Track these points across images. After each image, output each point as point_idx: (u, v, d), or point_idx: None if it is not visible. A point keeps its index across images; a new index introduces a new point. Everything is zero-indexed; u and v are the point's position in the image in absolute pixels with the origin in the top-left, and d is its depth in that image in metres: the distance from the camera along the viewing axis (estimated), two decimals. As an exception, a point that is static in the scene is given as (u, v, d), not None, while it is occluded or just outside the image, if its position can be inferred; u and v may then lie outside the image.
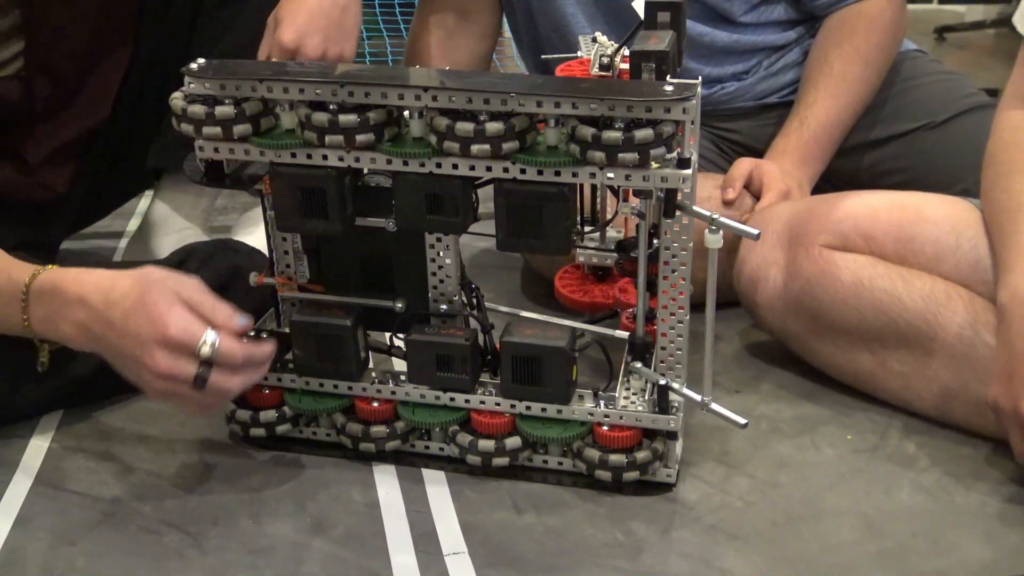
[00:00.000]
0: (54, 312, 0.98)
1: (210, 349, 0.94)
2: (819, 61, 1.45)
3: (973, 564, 0.93)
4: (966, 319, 1.07)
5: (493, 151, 0.91)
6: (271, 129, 0.98)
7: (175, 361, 0.94)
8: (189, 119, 0.96)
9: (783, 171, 1.36)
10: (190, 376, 0.94)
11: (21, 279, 0.99)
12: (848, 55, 1.43)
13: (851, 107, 1.44)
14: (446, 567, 0.93)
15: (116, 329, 0.95)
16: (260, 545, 0.96)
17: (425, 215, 0.97)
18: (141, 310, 0.94)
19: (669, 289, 0.98)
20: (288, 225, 1.01)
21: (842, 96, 1.43)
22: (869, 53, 1.43)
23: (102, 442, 1.11)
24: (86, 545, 0.96)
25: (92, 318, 0.96)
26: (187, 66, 0.96)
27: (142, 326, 0.94)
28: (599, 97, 0.89)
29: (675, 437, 1.01)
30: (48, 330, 1.00)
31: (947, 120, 1.47)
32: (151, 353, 0.93)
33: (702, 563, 0.94)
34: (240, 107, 0.95)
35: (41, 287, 0.99)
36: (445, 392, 1.03)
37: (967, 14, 3.63)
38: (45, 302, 0.99)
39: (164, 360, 0.94)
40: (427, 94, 0.91)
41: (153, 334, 0.93)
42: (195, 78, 0.96)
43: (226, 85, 0.95)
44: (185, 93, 0.97)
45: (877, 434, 1.12)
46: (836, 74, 1.42)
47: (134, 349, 0.94)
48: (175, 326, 0.93)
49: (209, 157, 0.99)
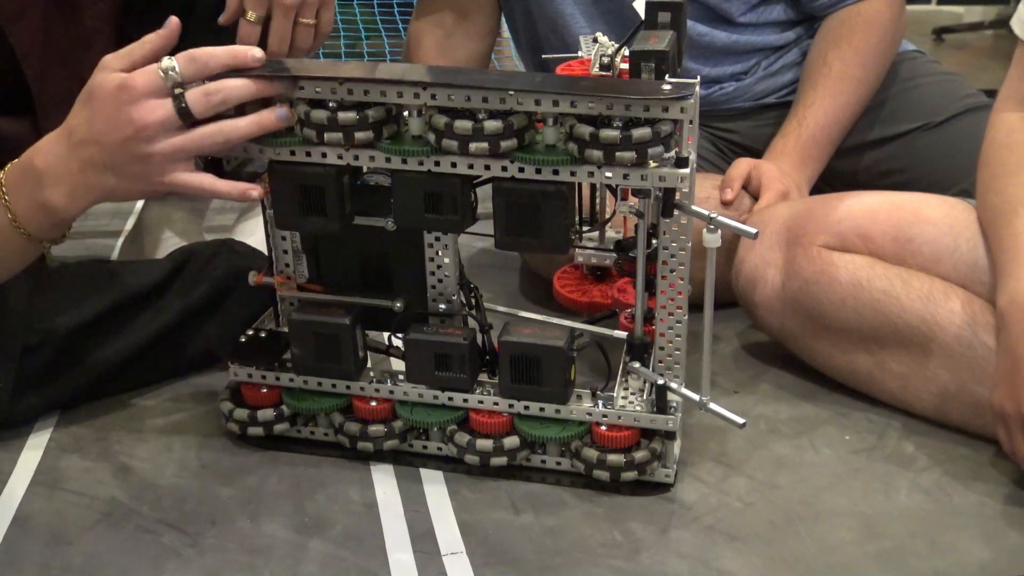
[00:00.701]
0: (32, 191, 0.97)
1: (172, 65, 0.92)
2: (818, 62, 1.45)
3: (971, 565, 0.93)
4: (964, 320, 1.07)
5: (491, 149, 0.91)
6: None
7: (149, 105, 0.92)
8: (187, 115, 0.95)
9: (781, 172, 1.36)
10: (171, 109, 0.92)
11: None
12: (847, 56, 1.43)
13: (849, 108, 1.44)
14: (444, 567, 0.93)
15: (91, 140, 0.94)
16: (258, 545, 0.96)
17: (423, 214, 0.96)
18: (99, 102, 0.93)
19: (668, 289, 0.98)
20: (286, 223, 1.01)
21: (840, 96, 1.43)
22: (868, 54, 1.43)
23: (100, 442, 1.11)
24: (83, 545, 0.96)
25: (68, 159, 0.95)
26: None
27: (108, 108, 0.92)
28: (597, 95, 0.89)
29: (673, 437, 1.01)
30: (41, 216, 0.98)
31: (945, 121, 1.47)
32: (128, 119, 0.92)
33: (700, 563, 0.94)
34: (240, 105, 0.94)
35: (12, 175, 0.98)
36: (443, 391, 1.03)
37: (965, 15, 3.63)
38: (20, 190, 0.97)
39: (145, 111, 0.91)
40: (426, 92, 0.91)
41: (119, 100, 0.92)
42: None
43: None
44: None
45: (875, 434, 1.12)
46: (835, 75, 1.42)
47: (117, 133, 0.92)
48: (132, 78, 0.92)
49: (208, 154, 0.98)
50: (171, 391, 1.18)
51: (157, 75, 0.92)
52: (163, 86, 0.92)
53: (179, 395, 1.18)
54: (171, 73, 0.92)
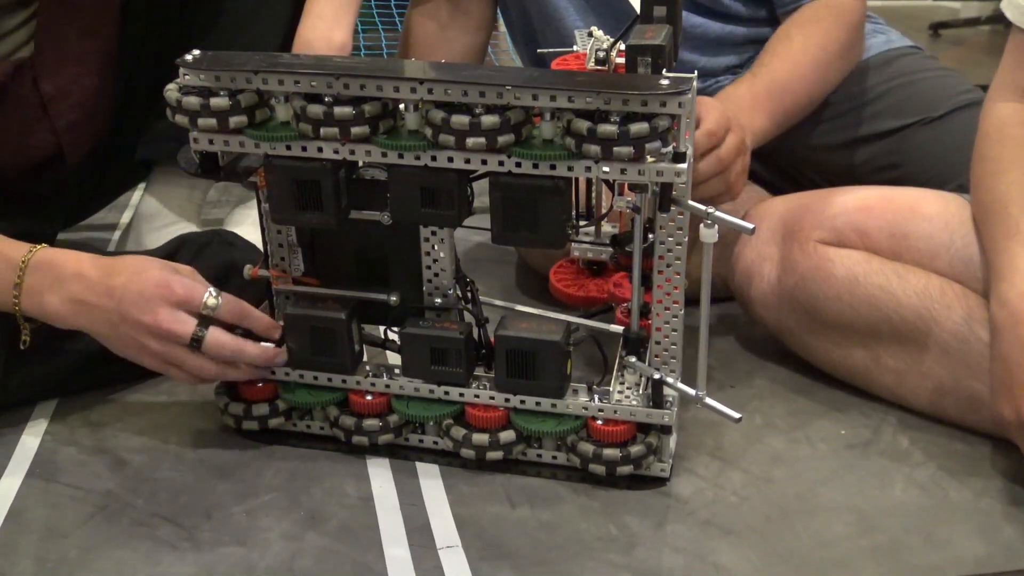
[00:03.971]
0: (45, 286, 1.01)
1: (215, 302, 0.99)
2: (780, 36, 1.41)
3: (967, 559, 0.94)
4: (960, 315, 1.08)
5: (488, 144, 0.91)
6: (266, 121, 0.97)
7: (176, 316, 0.99)
8: (184, 111, 0.95)
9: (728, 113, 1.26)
10: (188, 334, 0.99)
11: (17, 254, 1.02)
12: (810, 34, 1.39)
13: (806, 79, 1.38)
14: (440, 561, 0.93)
15: (116, 295, 0.99)
16: (254, 538, 0.96)
17: (420, 208, 0.96)
18: (144, 276, 0.99)
19: (664, 284, 0.98)
20: (282, 218, 1.01)
21: (799, 67, 1.37)
22: (829, 43, 1.39)
23: (95, 435, 1.11)
24: (79, 538, 0.96)
25: (89, 288, 1.00)
26: (182, 58, 0.95)
27: (147, 288, 0.99)
28: (594, 90, 0.89)
29: (669, 431, 1.01)
30: (34, 305, 1.02)
31: (942, 116, 1.46)
32: (154, 311, 0.98)
33: (696, 557, 0.94)
34: (235, 99, 0.94)
35: (38, 262, 1.02)
36: (440, 386, 1.03)
37: (962, 10, 3.63)
38: (38, 276, 1.01)
39: (167, 316, 0.98)
40: (423, 86, 0.91)
41: (157, 293, 0.98)
42: (190, 69, 0.95)
43: (221, 77, 0.94)
44: (180, 85, 0.96)
45: (871, 429, 1.12)
46: (796, 47, 1.38)
47: (136, 311, 0.98)
48: (180, 285, 0.99)
49: (204, 149, 0.98)
50: (166, 384, 1.18)
51: (199, 299, 1.00)
52: (198, 306, 1.00)
53: (174, 388, 1.18)
54: (212, 299, 1.00)
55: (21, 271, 1.01)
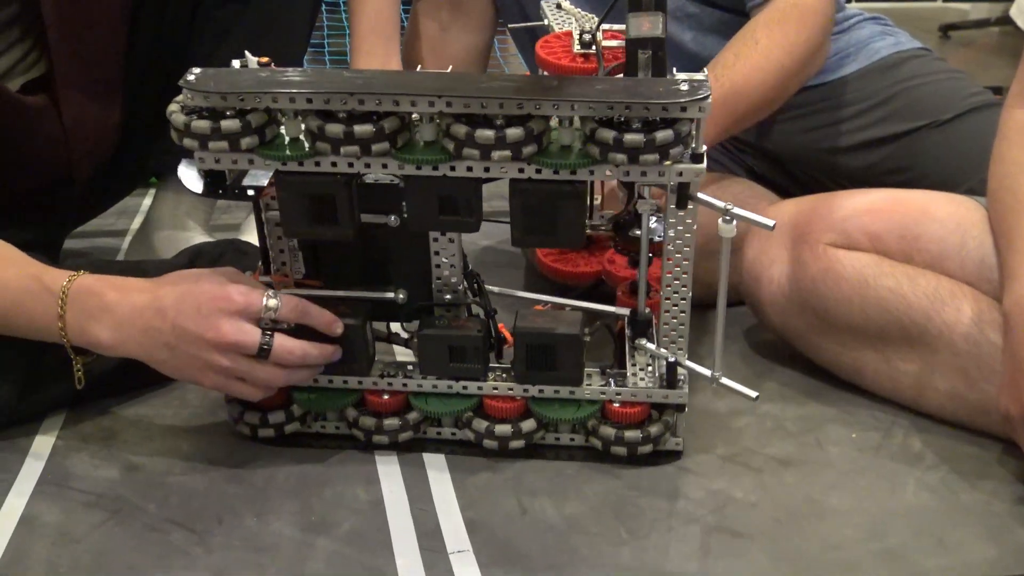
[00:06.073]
0: (88, 315, 0.97)
1: (275, 303, 0.95)
2: (745, 35, 1.36)
3: (978, 563, 0.93)
4: (972, 318, 1.07)
5: (513, 155, 0.91)
6: (275, 138, 0.95)
7: (240, 327, 0.94)
8: (193, 134, 0.93)
9: None
10: (255, 343, 0.95)
11: (57, 282, 0.98)
12: (775, 37, 1.34)
13: (765, 84, 1.33)
14: (450, 565, 0.93)
15: (169, 315, 0.95)
16: (265, 543, 0.96)
17: (438, 216, 0.97)
18: (197, 289, 0.95)
19: (674, 270, 0.99)
20: (296, 232, 1.00)
21: (759, 71, 1.33)
22: (795, 47, 1.35)
23: (107, 440, 1.11)
24: (91, 543, 0.96)
25: (138, 312, 0.96)
26: (184, 78, 0.92)
27: (203, 301, 0.94)
28: (618, 102, 0.89)
29: (683, 409, 1.04)
30: (79, 334, 0.99)
31: (952, 119, 1.46)
32: (216, 324, 0.94)
33: (705, 561, 0.94)
34: (246, 119, 0.92)
35: (79, 290, 0.98)
36: (458, 381, 1.04)
37: (972, 12, 3.62)
38: (80, 306, 0.98)
39: (230, 328, 0.94)
40: (440, 100, 0.90)
41: (215, 305, 0.94)
42: (195, 91, 0.92)
43: (228, 97, 0.91)
44: (183, 105, 0.94)
45: (882, 432, 1.12)
46: (760, 50, 1.34)
47: (195, 328, 0.94)
48: (238, 292, 0.95)
49: (211, 168, 0.96)
50: (178, 389, 1.18)
51: (259, 304, 0.96)
52: (257, 315, 0.96)
53: (186, 393, 1.18)
54: (273, 301, 0.96)
55: (63, 299, 0.98)
